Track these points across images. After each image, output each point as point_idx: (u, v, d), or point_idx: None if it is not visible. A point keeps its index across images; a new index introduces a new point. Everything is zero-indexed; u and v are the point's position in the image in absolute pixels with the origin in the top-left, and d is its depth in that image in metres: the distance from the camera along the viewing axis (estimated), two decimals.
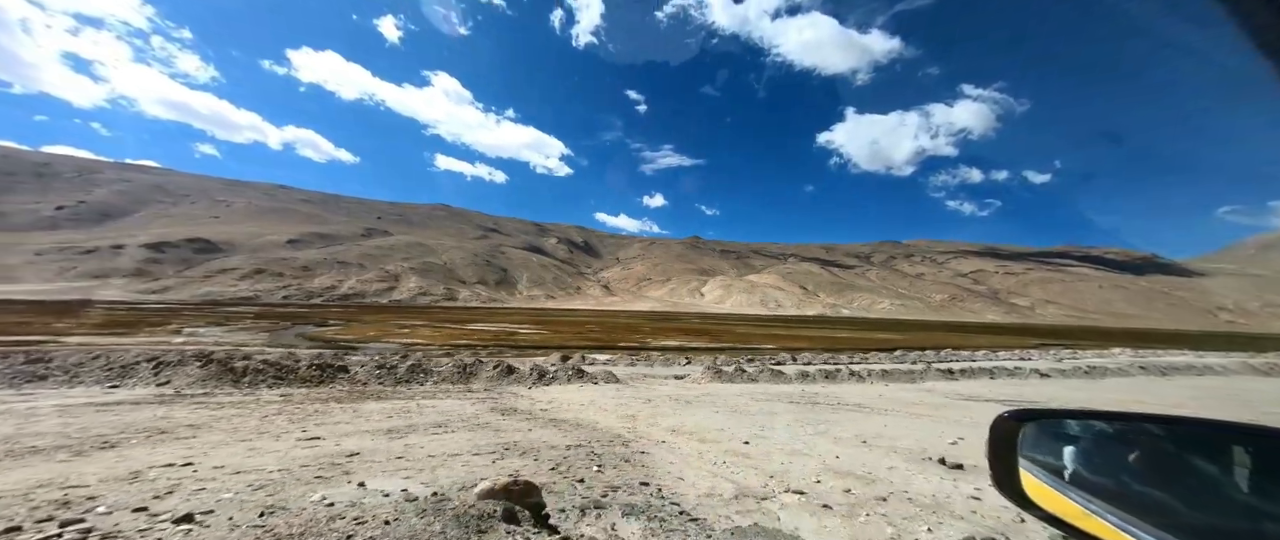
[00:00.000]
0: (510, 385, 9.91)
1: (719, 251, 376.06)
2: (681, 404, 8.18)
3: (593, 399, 8.48)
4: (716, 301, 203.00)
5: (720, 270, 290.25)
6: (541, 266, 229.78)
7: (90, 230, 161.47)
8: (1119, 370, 17.18)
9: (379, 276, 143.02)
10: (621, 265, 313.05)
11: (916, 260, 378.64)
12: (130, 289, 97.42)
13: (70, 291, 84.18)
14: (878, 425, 7.03)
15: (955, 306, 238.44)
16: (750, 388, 10.73)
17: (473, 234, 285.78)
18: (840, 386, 11.74)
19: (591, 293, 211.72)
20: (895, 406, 8.82)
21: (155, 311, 48.63)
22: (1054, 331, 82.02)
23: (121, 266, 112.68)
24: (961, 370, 14.98)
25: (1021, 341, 41.70)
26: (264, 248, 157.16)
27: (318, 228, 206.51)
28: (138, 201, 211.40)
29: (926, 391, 11.36)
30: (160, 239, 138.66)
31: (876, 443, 5.94)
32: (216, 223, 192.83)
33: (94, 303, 59.27)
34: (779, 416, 7.44)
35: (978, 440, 6.02)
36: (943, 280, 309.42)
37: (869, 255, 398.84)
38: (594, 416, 7.00)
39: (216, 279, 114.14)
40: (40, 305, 51.37)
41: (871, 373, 13.61)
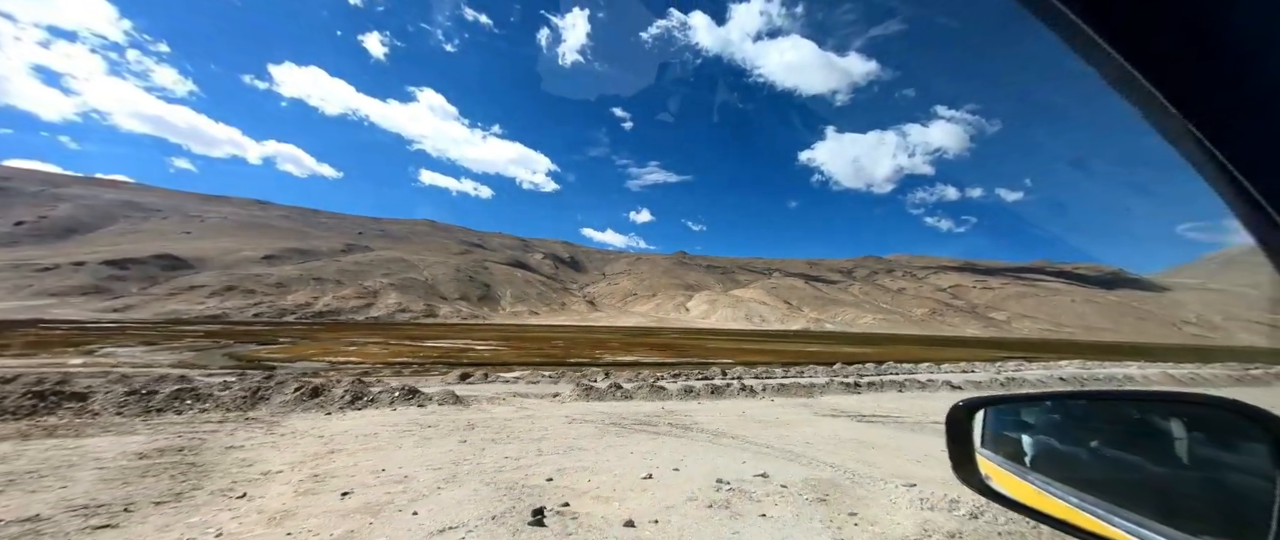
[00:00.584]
0: (298, 412, 8.58)
1: (705, 267, 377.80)
2: (445, 433, 7.03)
3: (347, 429, 7.25)
4: (702, 317, 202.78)
5: (706, 285, 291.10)
6: (526, 282, 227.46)
7: (52, 247, 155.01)
8: (1038, 382, 17.15)
9: (357, 293, 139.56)
10: (608, 281, 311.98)
11: (898, 275, 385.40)
12: (88, 307, 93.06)
13: (23, 311, 80.00)
14: (665, 455, 6.14)
15: (935, 321, 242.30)
16: (600, 407, 10.00)
17: (456, 249, 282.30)
18: (715, 403, 11.11)
19: (576, 308, 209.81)
20: (739, 428, 8.10)
21: (95, 331, 46.19)
22: (1026, 345, 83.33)
23: (81, 284, 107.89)
24: (869, 383, 14.64)
25: (981, 354, 41.99)
26: (237, 264, 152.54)
27: (296, 244, 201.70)
28: (105, 217, 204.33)
29: (804, 406, 10.96)
30: (124, 255, 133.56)
31: (565, 482, 4.95)
32: (188, 239, 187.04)
33: (36, 322, 56.18)
34: (548, 441, 6.68)
35: (776, 470, 5.38)
36: (923, 295, 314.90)
37: (851, 270, 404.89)
38: (267, 456, 5.75)
39: (183, 296, 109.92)
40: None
41: (767, 387, 13.13)
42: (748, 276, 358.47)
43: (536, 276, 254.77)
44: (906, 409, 10.98)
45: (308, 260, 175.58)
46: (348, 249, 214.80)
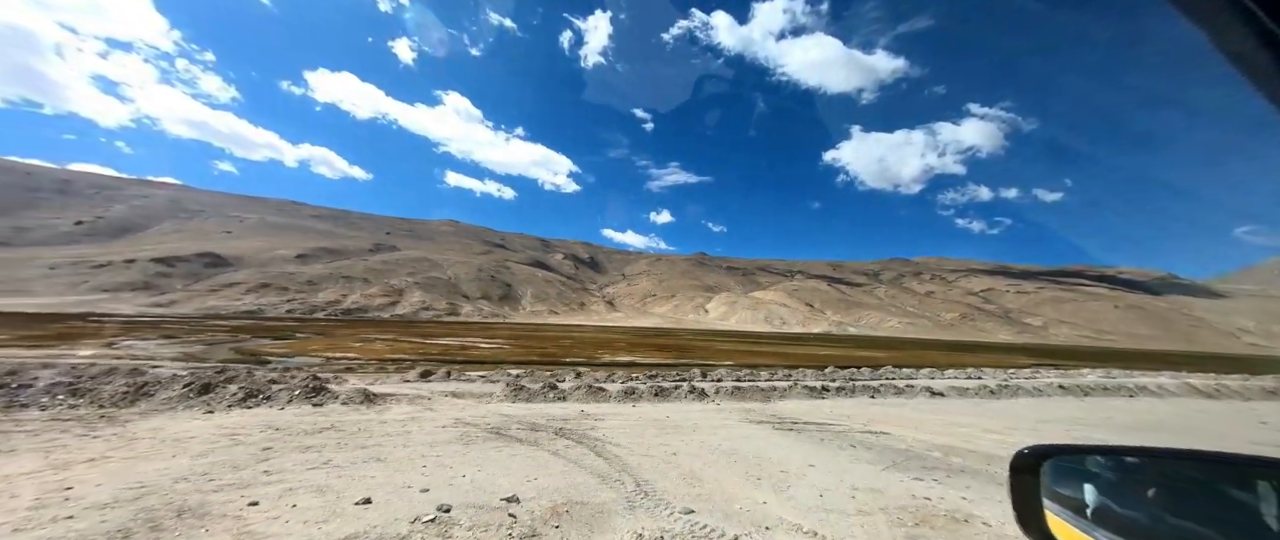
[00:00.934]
0: (179, 410, 8.44)
1: (725, 268, 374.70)
2: (261, 443, 6.65)
3: (185, 432, 7.11)
4: (721, 318, 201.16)
5: (726, 287, 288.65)
6: (546, 282, 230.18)
7: (106, 245, 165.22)
8: (1034, 390, 16.27)
9: (383, 291, 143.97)
10: (627, 281, 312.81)
11: (926, 278, 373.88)
12: (137, 302, 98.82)
13: (80, 305, 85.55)
14: (466, 470, 5.73)
15: (966, 325, 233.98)
16: (513, 409, 9.75)
17: (479, 249, 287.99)
18: (648, 406, 10.74)
19: (595, 309, 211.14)
20: (629, 437, 7.65)
21: (139, 323, 48.98)
22: (1057, 352, 79.61)
23: (131, 280, 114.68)
24: (840, 388, 13.99)
25: (1003, 361, 40.33)
26: (272, 263, 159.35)
27: (327, 243, 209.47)
28: (153, 217, 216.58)
29: (744, 411, 10.57)
30: (171, 254, 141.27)
31: None
32: (228, 238, 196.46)
33: (86, 316, 59.95)
34: (371, 451, 6.34)
35: (550, 491, 4.95)
36: (953, 299, 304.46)
37: (877, 273, 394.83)
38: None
39: (222, 293, 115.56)
40: (24, 317, 52.03)
41: (722, 390, 12.81)
42: (768, 278, 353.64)
43: (556, 277, 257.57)
44: (853, 416, 10.62)
45: (338, 259, 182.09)
46: (376, 248, 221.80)
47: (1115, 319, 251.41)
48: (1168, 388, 18.74)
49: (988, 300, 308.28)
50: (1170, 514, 0.85)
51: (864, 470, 6.29)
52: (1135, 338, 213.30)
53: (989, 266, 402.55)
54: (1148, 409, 14.69)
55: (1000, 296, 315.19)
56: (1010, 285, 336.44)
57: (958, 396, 14.40)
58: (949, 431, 9.19)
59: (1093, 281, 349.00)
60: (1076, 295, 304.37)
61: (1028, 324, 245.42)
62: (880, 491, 5.47)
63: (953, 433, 9.10)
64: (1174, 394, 18.01)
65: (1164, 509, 0.87)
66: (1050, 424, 10.80)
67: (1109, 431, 10.25)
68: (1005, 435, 9.10)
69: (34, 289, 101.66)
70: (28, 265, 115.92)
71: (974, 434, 9.11)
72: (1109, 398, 16.39)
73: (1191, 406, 15.93)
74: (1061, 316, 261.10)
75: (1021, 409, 12.71)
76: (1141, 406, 14.94)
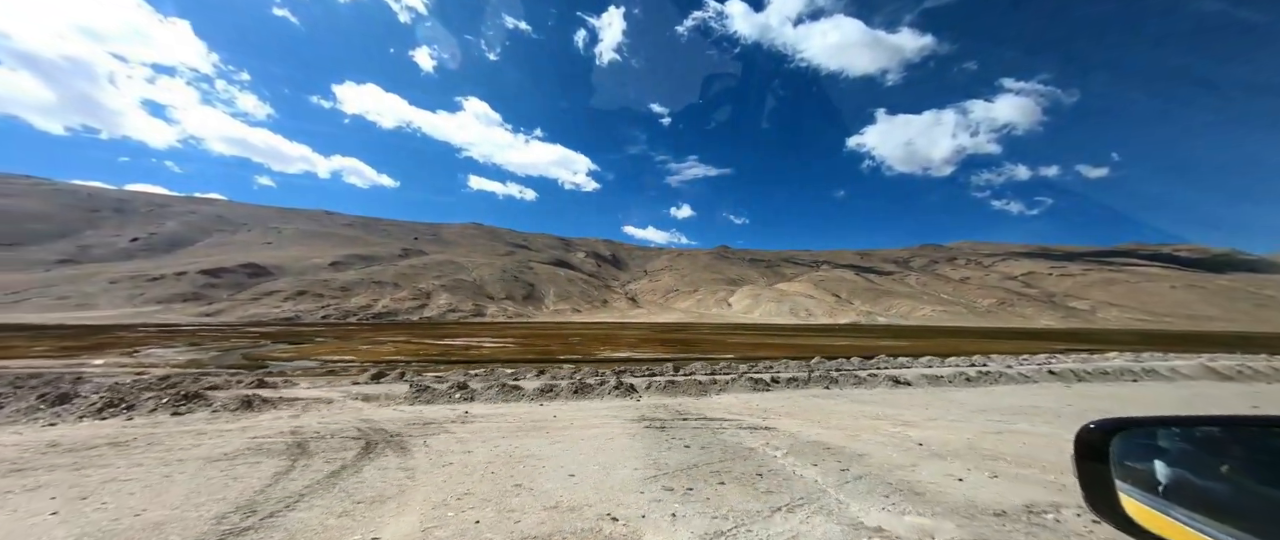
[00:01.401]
0: (20, 423, 8.19)
1: (748, 261, 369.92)
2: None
3: None
4: (744, 312, 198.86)
5: (749, 280, 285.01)
6: (568, 281, 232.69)
7: (160, 259, 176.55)
8: (1019, 376, 15.07)
9: (412, 294, 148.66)
10: (649, 277, 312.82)
11: (960, 264, 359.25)
12: (186, 312, 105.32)
13: (133, 316, 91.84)
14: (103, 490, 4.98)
15: (1005, 311, 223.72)
16: (380, 413, 9.24)
17: (502, 251, 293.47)
18: (556, 405, 10.29)
19: (617, 305, 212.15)
20: (453, 450, 7.05)
21: (179, 332, 52.03)
22: (1096, 337, 75.00)
23: (182, 291, 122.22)
24: (790, 379, 13.24)
25: (1029, 347, 38.16)
26: (308, 270, 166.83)
27: (359, 250, 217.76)
28: (202, 231, 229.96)
29: (650, 408, 9.95)
30: (217, 265, 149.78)
31: None
32: (268, 248, 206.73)
33: (133, 327, 64.04)
34: None
35: None
36: (990, 284, 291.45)
37: (908, 260, 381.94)
38: None
39: (263, 301, 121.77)
40: (77, 329, 56.01)
41: (653, 385, 12.14)
42: (793, 270, 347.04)
43: (578, 275, 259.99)
44: (767, 409, 10.00)
45: (369, 265, 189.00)
46: (405, 253, 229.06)
47: (1172, 300, 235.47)
48: (1182, 370, 17.35)
49: (1028, 284, 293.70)
50: (1256, 484, 0.79)
51: (632, 475, 5.65)
52: (1194, 319, 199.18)
53: (1029, 249, 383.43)
54: (1137, 394, 13.55)
55: (1042, 280, 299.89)
56: (1053, 268, 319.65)
57: (927, 385, 13.40)
58: (848, 424, 8.51)
59: (1146, 261, 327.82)
60: (1128, 276, 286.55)
61: (1073, 308, 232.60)
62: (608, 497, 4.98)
63: (851, 425, 8.42)
64: (1188, 377, 16.63)
65: (1248, 480, 0.80)
66: (989, 413, 9.94)
67: (1057, 422, 9.37)
68: (921, 427, 8.37)
69: (98, 303, 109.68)
70: (91, 281, 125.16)
71: (880, 425, 8.41)
72: (1109, 383, 15.25)
73: (1192, 390, 14.61)
74: (1111, 299, 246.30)
75: (979, 398, 11.80)
76: (1131, 392, 13.77)
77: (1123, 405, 11.98)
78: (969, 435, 7.82)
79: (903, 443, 7.19)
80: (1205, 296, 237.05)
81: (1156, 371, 17.01)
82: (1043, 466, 6.09)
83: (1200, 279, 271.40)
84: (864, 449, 6.87)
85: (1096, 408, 11.26)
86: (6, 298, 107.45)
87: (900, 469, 5.93)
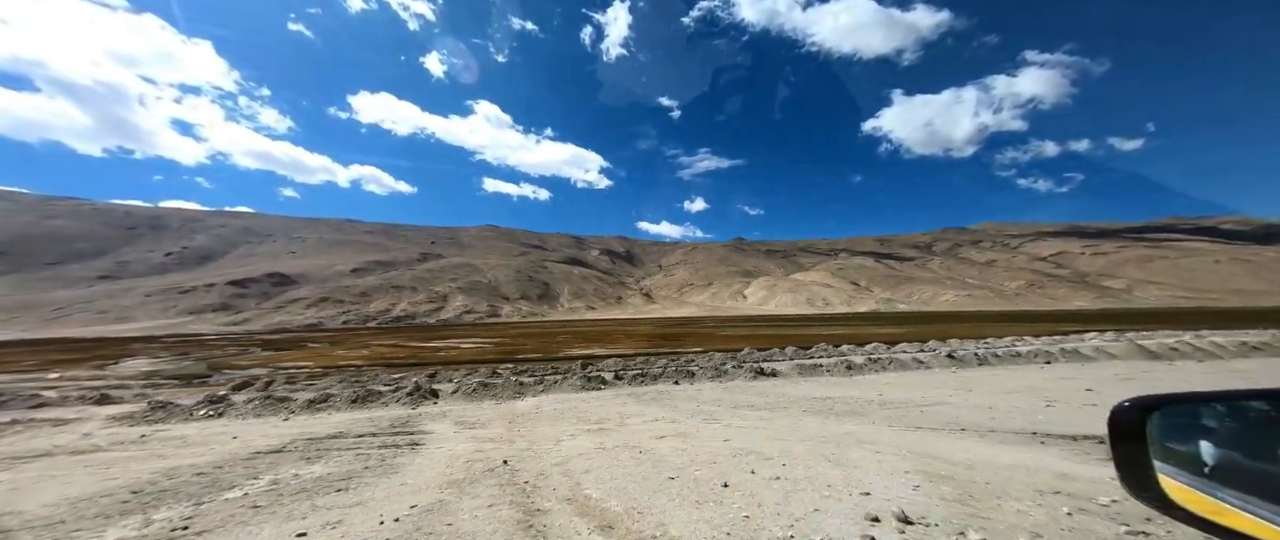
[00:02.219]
0: None
1: (764, 252, 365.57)
2: None
3: None
4: (759, 303, 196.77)
5: (765, 271, 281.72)
6: (582, 279, 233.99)
7: (192, 272, 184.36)
8: (914, 362, 14.19)
9: (428, 298, 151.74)
10: (664, 272, 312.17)
11: (985, 246, 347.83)
12: (216, 322, 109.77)
13: (164, 328, 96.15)
14: None
15: (1034, 293, 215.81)
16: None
17: (517, 252, 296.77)
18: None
19: (632, 301, 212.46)
20: None
21: (203, 341, 54.09)
22: (1122, 316, 71.47)
23: (212, 302, 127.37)
24: (638, 375, 12.79)
25: (1044, 328, 36.50)
26: (331, 277, 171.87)
27: (378, 256, 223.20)
28: (230, 244, 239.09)
29: (372, 420, 9.48)
30: (244, 276, 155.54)
31: None
32: (293, 258, 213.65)
33: (155, 338, 66.85)
34: None
35: None
36: (1017, 266, 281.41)
37: (930, 244, 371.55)
38: None
39: (287, 309, 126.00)
40: (85, 342, 58.73)
41: (462, 389, 11.92)
42: (810, 259, 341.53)
43: (593, 273, 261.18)
44: (524, 414, 9.66)
45: (388, 270, 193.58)
46: (423, 258, 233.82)
47: (1215, 275, 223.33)
48: (1108, 350, 16.36)
49: (1059, 264, 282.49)
50: None
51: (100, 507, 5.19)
52: (1240, 295, 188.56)
53: (1060, 228, 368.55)
54: (1009, 377, 12.63)
55: (1073, 259, 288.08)
56: (1085, 246, 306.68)
57: (796, 375, 12.91)
58: (548, 432, 7.97)
59: (1187, 235, 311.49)
60: (1166, 252, 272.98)
61: (1107, 287, 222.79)
62: None
63: (552, 432, 7.89)
64: (1114, 357, 15.62)
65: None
66: (790, 410, 9.24)
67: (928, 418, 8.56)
68: (670, 438, 7.68)
69: (134, 315, 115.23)
70: (128, 295, 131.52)
71: (606, 435, 7.60)
72: (1010, 366, 14.45)
73: (1096, 374, 13.42)
74: (1148, 276, 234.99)
75: (819, 389, 11.08)
76: (1008, 375, 12.85)
77: (965, 394, 10.46)
78: (682, 446, 6.43)
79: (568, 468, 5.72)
80: (1251, 270, 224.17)
81: (1079, 352, 15.99)
82: None
83: (1246, 252, 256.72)
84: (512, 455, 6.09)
85: (916, 399, 9.72)
86: (52, 314, 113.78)
87: None
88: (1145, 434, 0.94)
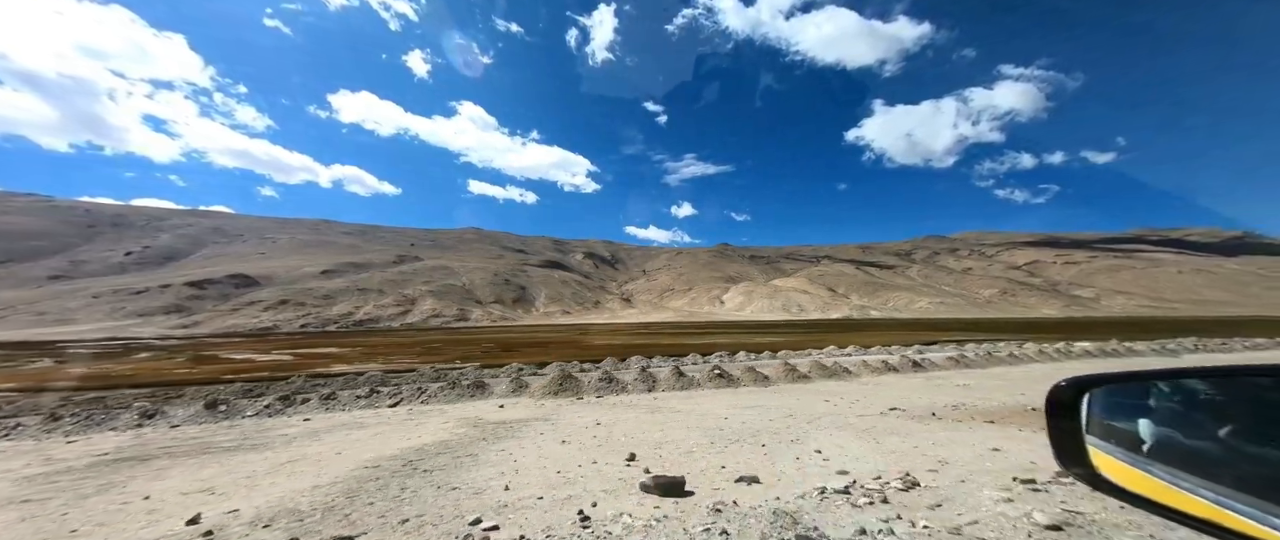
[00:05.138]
0: None
1: (748, 258, 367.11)
2: None
3: None
4: (737, 309, 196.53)
5: (748, 277, 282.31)
6: (561, 283, 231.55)
7: (152, 273, 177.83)
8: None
9: (396, 301, 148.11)
10: (647, 277, 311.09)
11: (963, 254, 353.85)
12: (164, 324, 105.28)
13: (103, 331, 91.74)
14: None
15: (1006, 301, 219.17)
16: None
17: (497, 255, 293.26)
18: None
19: (610, 306, 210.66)
20: None
21: (106, 347, 51.03)
22: (1058, 325, 71.97)
23: (164, 304, 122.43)
24: None
25: (980, 335, 35.86)
26: (298, 279, 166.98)
27: (352, 258, 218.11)
28: (197, 244, 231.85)
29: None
30: (205, 277, 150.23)
31: None
32: (261, 259, 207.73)
33: (101, 340, 63.22)
34: None
35: None
36: (993, 274, 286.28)
37: (910, 252, 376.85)
38: None
39: (243, 311, 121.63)
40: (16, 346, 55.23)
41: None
42: (793, 265, 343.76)
43: (573, 276, 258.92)
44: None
45: (361, 272, 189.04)
46: (399, 260, 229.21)
47: (1179, 285, 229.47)
48: (869, 364, 15.52)
49: (1032, 273, 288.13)
50: (1256, 442, 0.72)
51: None
52: (1201, 304, 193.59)
53: (1035, 238, 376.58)
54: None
55: (1046, 269, 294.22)
56: (1058, 256, 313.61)
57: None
58: None
59: (1155, 247, 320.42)
60: (1135, 262, 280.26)
61: (1077, 296, 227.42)
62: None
63: None
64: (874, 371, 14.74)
65: (1234, 436, 0.75)
66: None
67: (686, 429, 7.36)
68: None
69: (77, 317, 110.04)
70: (75, 296, 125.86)
71: None
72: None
73: None
74: (1117, 286, 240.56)
75: None
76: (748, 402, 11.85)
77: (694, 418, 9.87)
78: None
79: None
80: (1213, 281, 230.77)
81: (847, 369, 15.21)
82: None
83: (1209, 263, 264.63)
84: None
85: None
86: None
87: None
88: (1079, 411, 0.98)
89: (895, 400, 10.95)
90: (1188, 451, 0.82)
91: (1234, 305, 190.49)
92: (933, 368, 16.45)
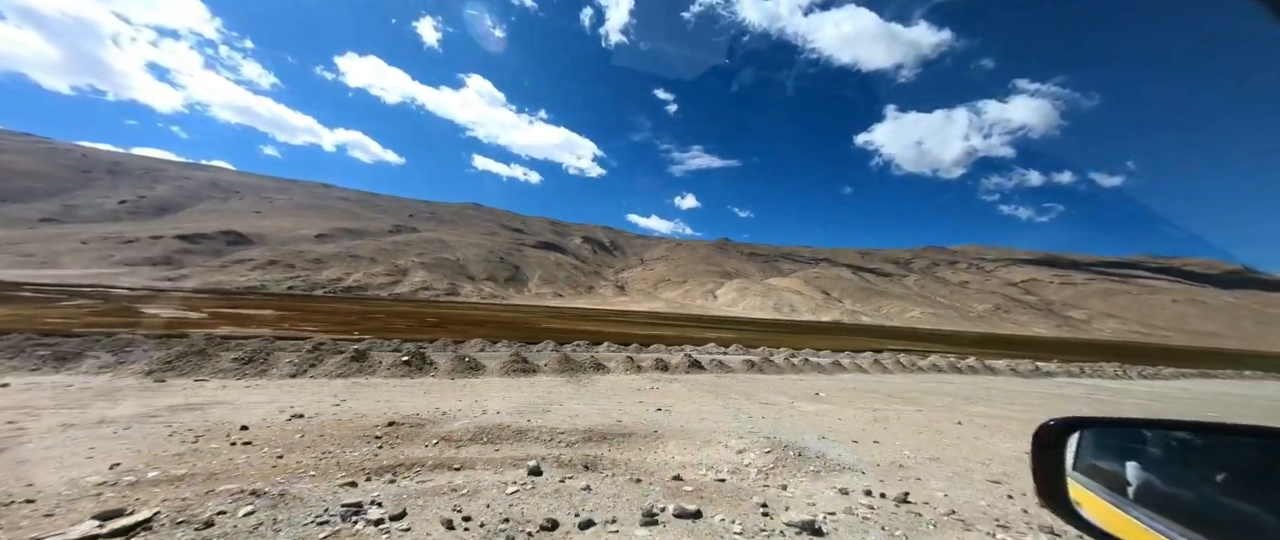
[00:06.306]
0: None
1: (746, 254, 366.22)
2: None
3: None
4: (729, 305, 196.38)
5: (744, 273, 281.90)
6: (557, 265, 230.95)
7: (145, 223, 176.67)
8: None
9: (386, 270, 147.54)
10: (644, 266, 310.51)
11: (962, 267, 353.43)
12: (149, 276, 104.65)
13: (89, 278, 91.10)
14: None
15: (998, 317, 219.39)
16: None
17: (496, 232, 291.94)
18: None
19: (603, 292, 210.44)
20: None
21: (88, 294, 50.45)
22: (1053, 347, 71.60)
23: (152, 255, 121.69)
24: None
25: (945, 349, 35.33)
26: (291, 241, 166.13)
27: (349, 224, 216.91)
28: (193, 197, 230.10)
29: None
30: (196, 231, 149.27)
31: None
32: (256, 217, 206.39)
33: (75, 286, 62.62)
34: None
35: None
36: (989, 289, 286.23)
37: (909, 261, 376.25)
38: None
39: (231, 269, 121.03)
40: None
41: None
42: (791, 265, 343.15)
43: (569, 260, 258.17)
44: None
45: (356, 239, 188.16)
46: (396, 230, 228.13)
47: (1170, 314, 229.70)
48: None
49: (1028, 291, 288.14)
50: (1227, 493, 0.77)
51: None
52: (1191, 334, 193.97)
53: (1034, 256, 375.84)
54: None
55: (1042, 288, 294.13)
56: (1056, 276, 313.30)
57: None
58: None
59: (1151, 274, 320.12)
60: (1130, 288, 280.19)
61: (1069, 317, 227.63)
62: None
63: None
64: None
65: (1220, 489, 0.78)
66: None
67: None
68: None
69: (62, 262, 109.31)
70: (64, 240, 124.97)
71: None
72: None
73: None
74: (1110, 310, 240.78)
75: None
76: None
77: None
78: None
79: None
80: (1206, 312, 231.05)
81: None
82: None
83: (1204, 294, 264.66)
84: None
85: None
86: None
87: None
88: (1064, 450, 1.02)
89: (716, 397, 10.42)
90: (1170, 499, 0.85)
91: (1225, 337, 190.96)
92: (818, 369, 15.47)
